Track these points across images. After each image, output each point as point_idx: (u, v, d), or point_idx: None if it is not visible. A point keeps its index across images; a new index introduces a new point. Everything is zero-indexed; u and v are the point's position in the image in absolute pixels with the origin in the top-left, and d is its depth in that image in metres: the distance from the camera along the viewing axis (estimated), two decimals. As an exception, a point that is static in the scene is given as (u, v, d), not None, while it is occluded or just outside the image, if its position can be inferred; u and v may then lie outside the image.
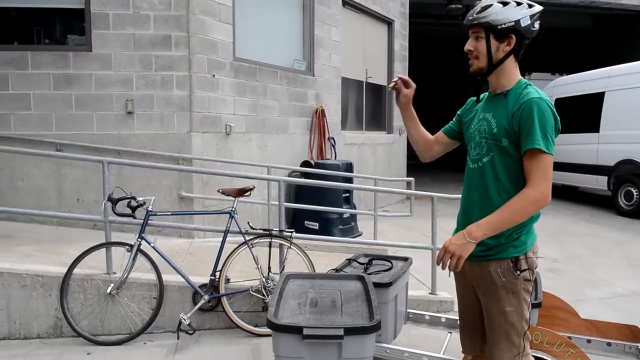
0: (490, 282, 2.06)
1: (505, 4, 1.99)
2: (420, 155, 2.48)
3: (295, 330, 1.94)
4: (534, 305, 2.82)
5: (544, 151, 1.90)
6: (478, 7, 2.02)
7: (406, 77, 2.31)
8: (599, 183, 9.96)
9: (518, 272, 2.03)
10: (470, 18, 2.03)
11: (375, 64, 10.07)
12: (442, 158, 2.67)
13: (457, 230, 2.23)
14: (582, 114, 10.30)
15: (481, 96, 2.21)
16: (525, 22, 1.98)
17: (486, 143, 2.06)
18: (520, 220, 1.96)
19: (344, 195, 7.16)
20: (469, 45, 2.06)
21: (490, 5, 1.99)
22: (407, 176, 9.92)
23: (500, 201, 2.00)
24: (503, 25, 1.97)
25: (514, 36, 2.00)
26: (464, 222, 2.12)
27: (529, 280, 2.07)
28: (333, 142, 8.27)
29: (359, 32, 9.54)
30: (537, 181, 1.91)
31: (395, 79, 2.33)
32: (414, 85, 2.32)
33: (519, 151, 1.97)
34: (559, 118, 1.98)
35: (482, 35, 2.02)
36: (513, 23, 1.97)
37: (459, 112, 2.36)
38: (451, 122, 2.40)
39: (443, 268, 1.96)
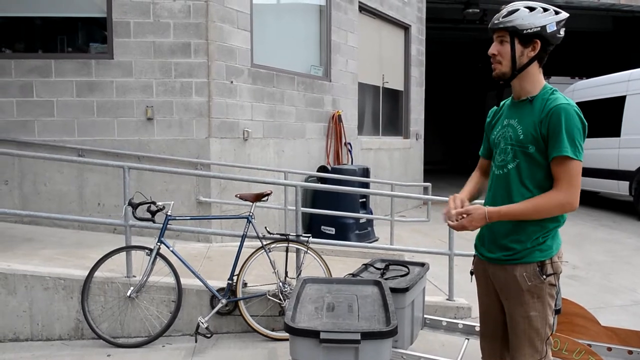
0: (516, 287, 2.05)
1: (532, 9, 1.99)
2: None
3: (312, 334, 1.96)
4: (554, 312, 2.79)
5: (572, 158, 1.90)
6: (504, 11, 2.02)
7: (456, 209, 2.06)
8: (620, 188, 9.78)
9: (544, 277, 2.02)
10: (495, 22, 2.03)
11: (392, 69, 10.08)
12: (459, 163, 2.67)
13: (480, 235, 2.23)
14: (603, 118, 10.15)
15: (502, 102, 2.21)
16: (551, 28, 1.98)
17: (512, 149, 2.05)
18: (540, 217, 1.97)
19: (360, 200, 7.17)
20: (493, 49, 2.06)
21: (516, 10, 1.99)
22: (424, 181, 9.89)
23: None
24: (529, 30, 1.97)
25: (539, 42, 2.00)
26: (488, 225, 2.10)
27: (554, 285, 2.06)
28: (350, 147, 8.28)
29: (376, 38, 9.56)
30: (564, 187, 1.92)
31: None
32: (464, 201, 2.14)
33: (546, 158, 1.98)
34: (586, 124, 1.97)
35: (507, 39, 2.01)
36: (539, 28, 1.97)
37: (486, 128, 2.32)
38: (483, 143, 2.37)
39: (446, 220, 2.03)
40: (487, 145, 2.34)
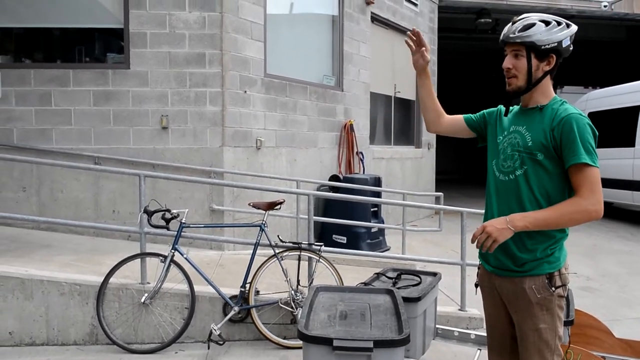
0: (524, 299, 2.04)
1: (547, 23, 1.99)
2: (427, 123, 2.47)
3: (325, 341, 1.98)
4: (566, 323, 2.78)
5: (590, 165, 1.90)
6: (519, 25, 2.01)
7: (420, 36, 2.28)
8: (635, 199, 9.67)
9: (553, 289, 2.02)
10: (511, 36, 2.01)
11: (403, 79, 10.11)
12: (471, 173, 2.69)
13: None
14: (617, 128, 10.07)
15: (510, 108, 2.22)
16: (566, 43, 2.01)
17: (519, 156, 2.06)
18: (564, 225, 1.96)
19: (372, 209, 7.18)
20: (507, 64, 2.04)
21: (533, 25, 1.99)
22: (436, 191, 9.86)
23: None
24: (547, 46, 1.98)
25: (554, 56, 2.01)
26: None
27: (563, 296, 2.06)
28: (361, 157, 8.31)
29: (388, 48, 9.61)
30: (586, 193, 1.91)
31: (411, 34, 2.27)
32: (427, 47, 2.31)
33: (555, 166, 1.99)
34: (597, 133, 1.98)
35: (523, 54, 2.01)
36: (556, 44, 1.98)
37: (485, 111, 2.36)
38: (475, 114, 2.40)
39: (477, 246, 1.96)
40: (473, 118, 2.36)
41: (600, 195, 1.92)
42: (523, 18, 2.03)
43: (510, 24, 2.05)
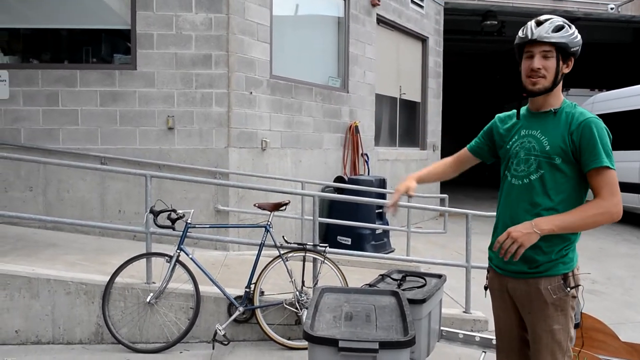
0: (539, 300, 2.04)
1: (569, 26, 2.02)
2: (447, 179, 2.60)
3: (331, 342, 1.98)
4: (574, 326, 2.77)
5: (611, 168, 1.92)
6: (550, 25, 2.00)
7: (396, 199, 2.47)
8: (641, 202, 9.63)
9: (568, 289, 2.02)
10: (545, 35, 1.98)
11: (409, 81, 10.11)
12: (476, 175, 2.71)
13: (493, 246, 2.23)
14: (623, 130, 10.02)
15: (521, 110, 2.20)
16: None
17: (535, 160, 2.06)
18: (588, 227, 1.96)
19: (376, 211, 7.18)
20: (537, 64, 2.01)
21: (562, 27, 2.00)
22: (441, 193, 9.84)
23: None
24: (574, 48, 2.01)
25: (573, 59, 2.05)
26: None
27: (576, 297, 2.06)
28: (366, 158, 8.31)
29: (394, 49, 9.61)
30: (607, 195, 1.93)
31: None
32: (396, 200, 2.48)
33: (572, 169, 2.00)
34: (611, 136, 2.00)
35: (553, 54, 2.00)
36: (578, 48, 2.02)
37: (484, 130, 2.37)
38: (477, 139, 2.41)
39: (501, 254, 1.94)
40: (486, 146, 2.37)
41: (620, 197, 1.94)
42: (548, 19, 2.02)
43: (535, 24, 2.02)
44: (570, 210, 1.97)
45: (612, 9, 12.93)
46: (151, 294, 4.01)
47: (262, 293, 4.09)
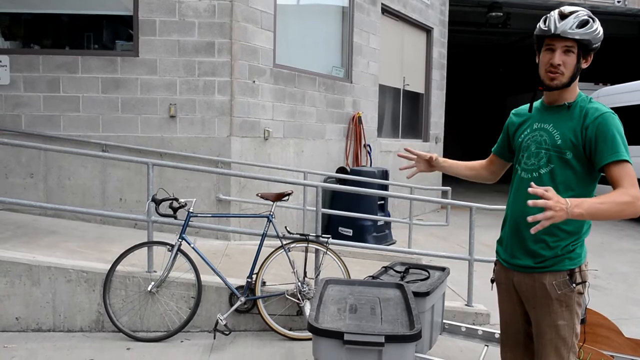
0: (544, 295, 2.02)
1: (593, 20, 1.96)
2: (487, 182, 2.52)
3: (336, 335, 1.96)
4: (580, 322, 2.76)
5: (628, 161, 1.89)
6: (574, 20, 1.92)
7: (412, 150, 2.44)
8: (644, 198, 9.58)
9: (573, 285, 2.00)
10: (570, 31, 1.91)
11: (413, 72, 10.03)
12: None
13: (501, 239, 2.20)
14: (628, 125, 9.93)
15: (535, 104, 2.17)
16: None
17: (546, 154, 2.02)
18: (614, 216, 1.81)
19: (378, 202, 7.15)
20: (558, 59, 1.94)
21: (587, 22, 1.93)
22: (443, 185, 9.81)
23: None
24: (596, 44, 1.97)
25: (592, 55, 2.00)
26: (514, 231, 2.09)
27: (582, 293, 2.03)
28: (369, 149, 8.27)
29: (398, 40, 9.52)
30: (629, 186, 1.85)
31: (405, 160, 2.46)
32: (421, 154, 2.45)
33: (582, 165, 1.96)
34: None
35: (575, 50, 1.94)
36: (599, 44, 1.98)
37: (503, 131, 2.34)
38: (498, 140, 2.38)
39: (536, 204, 1.68)
40: (505, 144, 2.33)
41: (639, 190, 1.85)
42: (574, 12, 1.94)
43: (558, 17, 1.94)
44: (599, 196, 1.83)
45: (618, 2, 12.79)
46: (152, 283, 3.99)
47: (263, 283, 4.08)
